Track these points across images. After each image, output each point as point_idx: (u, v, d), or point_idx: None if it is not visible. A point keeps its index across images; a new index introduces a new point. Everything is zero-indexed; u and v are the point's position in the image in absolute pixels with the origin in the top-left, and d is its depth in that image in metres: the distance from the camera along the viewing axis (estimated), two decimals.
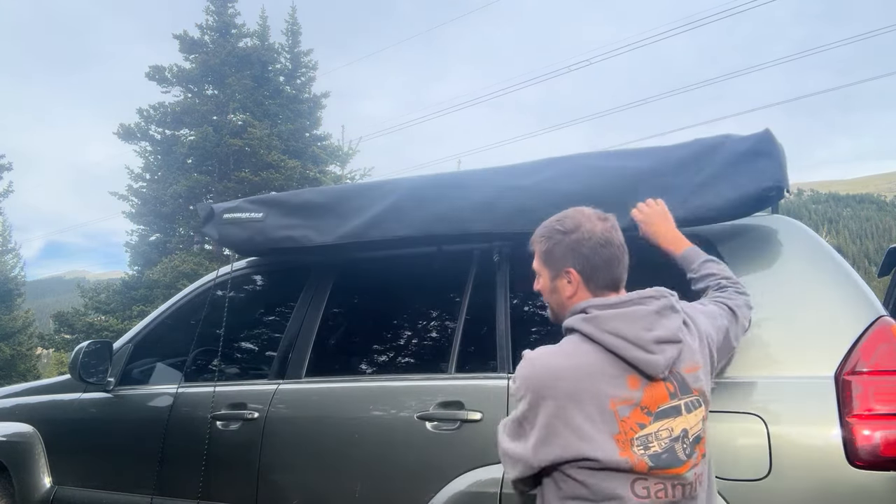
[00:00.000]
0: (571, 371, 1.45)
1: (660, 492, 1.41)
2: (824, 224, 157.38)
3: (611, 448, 1.40)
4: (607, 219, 1.63)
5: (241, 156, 17.76)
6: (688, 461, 1.44)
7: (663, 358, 1.45)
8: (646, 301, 1.52)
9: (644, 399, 1.44)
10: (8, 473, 3.35)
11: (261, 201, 2.89)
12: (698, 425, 1.48)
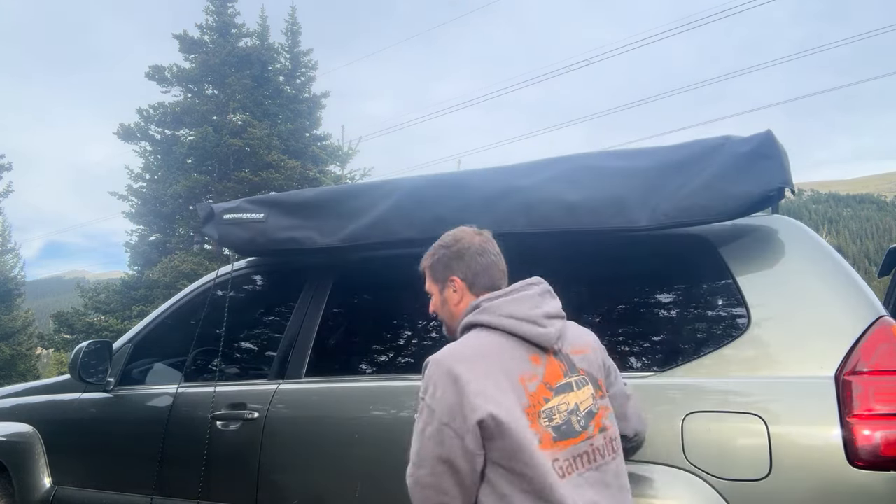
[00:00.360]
0: (481, 358, 1.58)
1: (569, 468, 1.54)
2: (824, 224, 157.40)
3: (522, 420, 1.51)
4: (482, 233, 1.87)
5: (241, 156, 17.75)
6: (583, 432, 1.59)
7: (553, 329, 1.65)
8: (529, 287, 1.75)
9: (545, 375, 1.60)
10: (8, 473, 3.35)
11: (262, 201, 2.89)
12: (588, 400, 1.64)
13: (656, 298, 2.32)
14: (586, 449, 1.58)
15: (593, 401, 1.65)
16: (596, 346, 1.80)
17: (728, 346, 2.00)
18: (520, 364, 1.59)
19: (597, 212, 2.17)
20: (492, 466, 1.52)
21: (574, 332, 1.77)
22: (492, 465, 1.51)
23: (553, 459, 1.51)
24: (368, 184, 2.83)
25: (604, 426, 1.64)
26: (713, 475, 1.84)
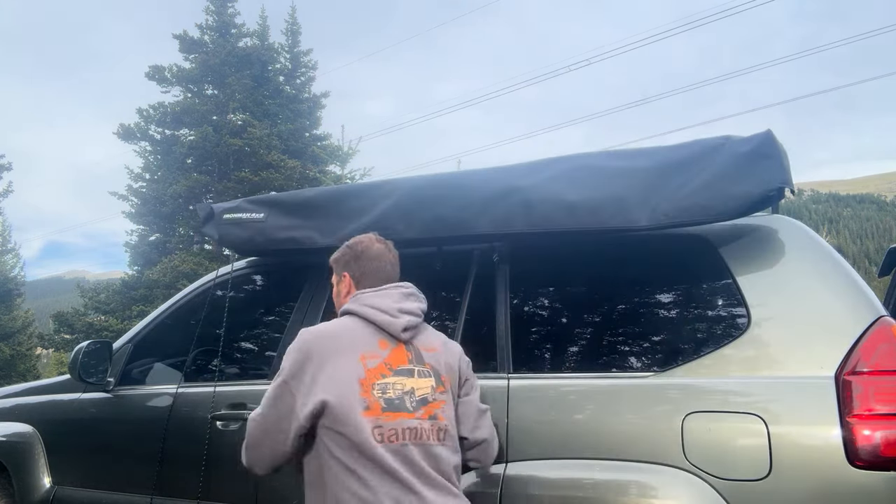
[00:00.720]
0: (333, 336, 1.88)
1: (392, 436, 1.76)
2: (824, 224, 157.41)
3: (356, 388, 1.78)
4: (385, 243, 2.15)
5: (240, 156, 17.75)
6: (414, 412, 1.81)
7: (403, 321, 1.91)
8: (397, 287, 2.02)
9: (388, 357, 1.87)
10: (8, 473, 3.35)
11: (261, 201, 2.89)
12: (425, 390, 1.86)
13: (656, 298, 2.33)
14: (415, 426, 1.80)
15: (431, 391, 1.88)
16: (453, 353, 2.02)
17: (728, 346, 2.00)
18: (366, 345, 1.87)
19: (597, 212, 2.17)
20: (322, 428, 1.78)
21: (432, 335, 2.03)
22: (322, 428, 1.78)
23: (375, 426, 1.75)
24: (368, 184, 2.83)
25: (435, 415, 1.85)
26: (713, 475, 1.84)
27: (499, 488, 2.07)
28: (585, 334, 2.40)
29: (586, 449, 2.02)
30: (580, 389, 2.13)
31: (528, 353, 2.36)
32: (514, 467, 2.09)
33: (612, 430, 2.02)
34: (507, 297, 2.41)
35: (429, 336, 2.01)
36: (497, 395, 2.20)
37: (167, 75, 18.43)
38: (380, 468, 1.72)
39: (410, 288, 2.05)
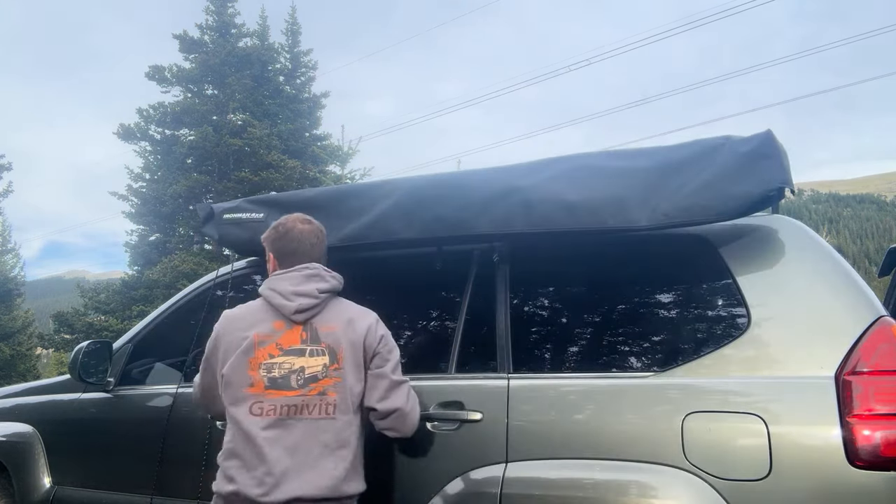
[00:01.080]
0: (239, 318, 2.13)
1: (270, 410, 1.99)
2: (824, 224, 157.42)
3: (243, 365, 2.04)
4: (310, 223, 2.26)
5: (240, 156, 17.74)
6: (298, 389, 2.01)
7: (294, 304, 2.07)
8: (300, 270, 2.15)
9: (281, 338, 2.06)
10: (8, 473, 3.35)
11: (261, 201, 2.89)
12: (316, 367, 2.03)
13: (656, 298, 2.32)
14: (297, 402, 2.00)
15: (322, 369, 2.04)
16: (357, 329, 2.10)
17: (728, 346, 2.00)
18: (261, 325, 2.09)
19: (597, 212, 2.17)
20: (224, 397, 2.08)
21: (335, 313, 2.14)
22: (224, 396, 2.08)
23: (255, 401, 2.00)
24: (368, 184, 2.82)
25: (324, 391, 2.02)
26: (713, 475, 1.84)
27: (499, 488, 2.07)
28: (585, 334, 2.40)
29: (586, 449, 2.02)
30: (580, 389, 2.13)
31: (528, 353, 2.36)
32: (514, 467, 2.09)
33: (612, 430, 2.01)
34: (507, 297, 2.41)
35: (332, 314, 2.13)
36: (497, 395, 2.20)
37: (167, 75, 18.43)
38: (250, 438, 1.97)
39: (315, 269, 2.16)
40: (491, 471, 2.12)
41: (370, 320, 2.16)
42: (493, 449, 2.14)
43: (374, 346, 2.12)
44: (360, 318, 2.15)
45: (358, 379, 2.08)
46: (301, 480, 1.94)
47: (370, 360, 2.11)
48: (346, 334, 2.09)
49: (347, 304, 2.21)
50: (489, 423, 2.17)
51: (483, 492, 2.10)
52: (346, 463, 2.00)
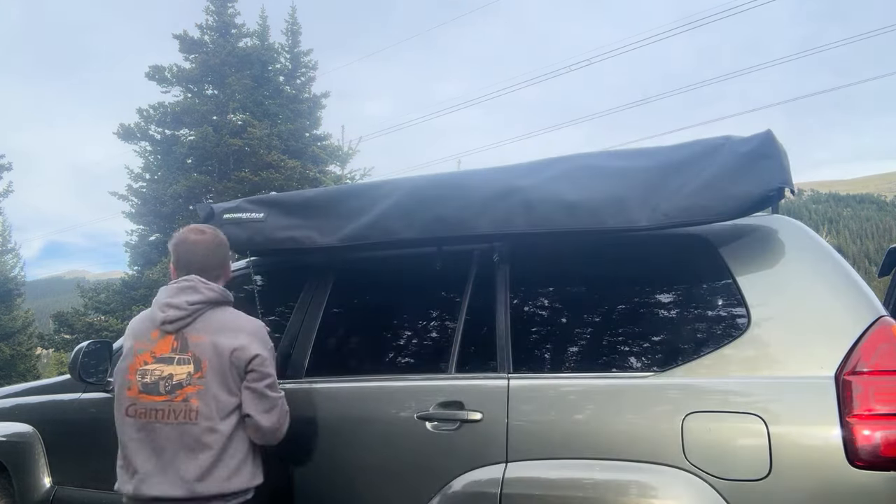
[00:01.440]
0: (132, 325, 2.35)
1: (142, 413, 2.18)
2: (824, 224, 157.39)
3: (125, 369, 2.24)
4: (204, 233, 2.40)
5: (241, 156, 17.73)
6: (166, 395, 2.16)
7: (162, 316, 2.22)
8: (178, 282, 2.30)
9: (155, 347, 2.23)
10: (8, 473, 3.35)
11: (261, 201, 2.89)
12: (182, 375, 2.17)
13: (656, 298, 2.32)
14: (163, 407, 2.16)
15: (187, 377, 2.17)
16: (224, 345, 2.20)
17: (728, 346, 2.00)
18: (142, 334, 2.28)
19: (597, 212, 2.17)
20: None
21: (209, 323, 2.25)
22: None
23: (131, 404, 2.20)
24: (368, 184, 2.83)
25: (187, 398, 2.15)
26: (713, 475, 1.84)
27: (499, 488, 2.07)
28: (585, 334, 2.40)
29: (586, 449, 2.02)
30: (580, 389, 2.13)
31: (528, 352, 2.36)
32: (514, 467, 2.10)
33: (612, 430, 2.02)
34: (507, 297, 2.41)
35: (205, 325, 2.24)
36: (497, 395, 2.20)
37: (167, 75, 18.41)
38: (127, 438, 2.20)
39: (190, 281, 2.28)
40: (491, 471, 2.12)
41: (244, 336, 2.24)
42: (493, 449, 2.14)
43: (244, 360, 2.21)
44: (235, 331, 2.25)
45: (224, 387, 2.19)
46: (161, 480, 2.13)
47: (245, 373, 2.22)
48: (213, 345, 2.20)
49: (228, 316, 2.30)
50: (489, 423, 2.17)
51: (483, 492, 2.10)
52: (204, 465, 2.12)
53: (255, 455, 2.28)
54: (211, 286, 2.30)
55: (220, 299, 2.31)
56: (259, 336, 2.29)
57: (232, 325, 2.27)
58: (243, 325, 2.29)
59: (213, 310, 2.29)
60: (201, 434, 2.14)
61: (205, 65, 18.20)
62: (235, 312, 2.35)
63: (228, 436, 2.18)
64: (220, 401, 2.17)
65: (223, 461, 2.16)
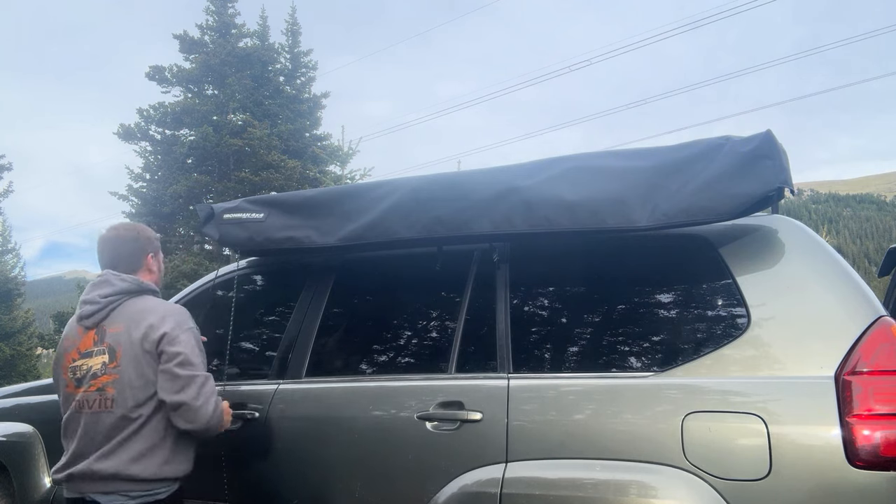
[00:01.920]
0: (65, 328, 2.43)
1: (75, 406, 2.27)
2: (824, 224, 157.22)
3: (60, 370, 2.37)
4: (115, 229, 2.48)
5: (241, 156, 17.74)
6: (89, 388, 2.26)
7: (81, 311, 2.33)
8: (97, 278, 2.40)
9: (80, 343, 2.33)
10: (8, 473, 3.35)
11: (261, 201, 2.89)
12: (98, 366, 2.26)
13: (656, 298, 2.32)
14: (82, 398, 2.26)
15: (102, 367, 2.25)
16: (138, 329, 2.26)
17: (728, 346, 2.00)
18: (70, 333, 2.38)
19: (597, 212, 2.17)
20: None
21: (125, 314, 2.31)
22: None
23: (65, 397, 2.33)
24: (368, 184, 2.82)
25: (103, 387, 2.24)
26: (713, 475, 1.84)
27: (499, 488, 2.07)
28: (585, 334, 2.40)
29: (586, 449, 2.02)
30: (580, 389, 2.13)
31: (528, 353, 2.36)
32: (514, 467, 2.10)
33: (612, 430, 2.02)
34: (507, 297, 2.41)
35: (122, 315, 2.31)
36: (497, 395, 2.20)
37: (167, 75, 18.42)
38: (66, 428, 2.31)
39: (104, 276, 2.37)
40: (491, 471, 2.12)
41: (154, 318, 2.27)
42: (493, 449, 2.14)
43: (154, 342, 2.23)
44: (147, 316, 2.29)
45: (139, 375, 2.22)
46: (83, 463, 2.22)
47: (159, 356, 2.25)
48: (128, 333, 2.26)
49: (145, 304, 2.34)
50: (489, 423, 2.17)
51: (483, 492, 2.10)
52: (111, 448, 2.20)
53: (174, 444, 2.26)
54: (123, 277, 2.35)
55: (134, 289, 2.35)
56: (171, 315, 2.30)
57: (147, 311, 2.30)
58: (156, 308, 2.32)
59: (130, 299, 2.34)
60: (116, 421, 2.20)
61: (205, 65, 18.20)
62: (154, 300, 2.38)
63: (143, 423, 2.21)
64: (134, 388, 2.21)
65: (128, 445, 2.20)
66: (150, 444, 2.22)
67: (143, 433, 2.22)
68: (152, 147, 18.77)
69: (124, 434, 2.20)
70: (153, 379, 2.23)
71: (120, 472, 2.17)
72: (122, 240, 2.46)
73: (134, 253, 2.46)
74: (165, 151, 18.44)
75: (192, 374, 2.23)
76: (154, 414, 2.23)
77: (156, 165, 18.80)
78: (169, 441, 2.26)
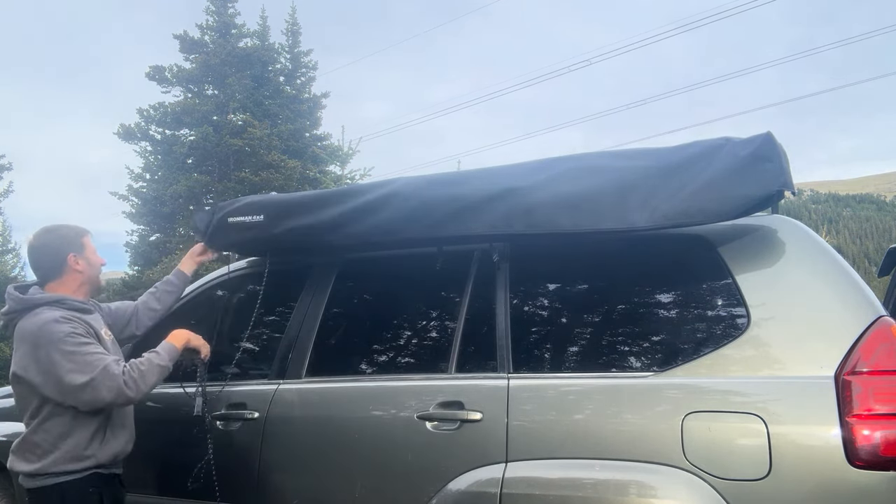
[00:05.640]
0: None
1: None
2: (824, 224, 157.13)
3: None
4: (32, 237, 2.47)
5: (241, 156, 17.72)
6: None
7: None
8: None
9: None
10: (8, 473, 3.35)
11: (261, 202, 2.89)
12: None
13: (656, 298, 2.33)
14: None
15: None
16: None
17: (728, 346, 2.00)
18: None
19: (596, 213, 2.17)
20: None
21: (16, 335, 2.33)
22: None
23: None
24: (368, 184, 2.83)
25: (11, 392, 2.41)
26: (713, 475, 1.85)
27: (499, 488, 2.08)
28: (585, 334, 2.40)
29: (586, 449, 2.02)
30: (580, 389, 2.14)
31: (528, 352, 2.36)
32: (514, 467, 2.10)
33: (611, 429, 2.02)
34: (507, 297, 2.41)
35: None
36: (497, 394, 2.20)
37: (167, 75, 18.40)
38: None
39: (6, 290, 2.39)
40: (491, 471, 2.12)
41: (28, 323, 2.29)
42: (493, 449, 2.14)
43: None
44: (25, 323, 2.32)
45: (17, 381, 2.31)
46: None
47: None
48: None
49: (23, 326, 2.32)
50: (489, 423, 2.17)
51: (483, 492, 2.10)
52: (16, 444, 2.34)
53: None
54: (14, 297, 2.36)
55: (20, 308, 2.35)
56: (22, 343, 2.31)
57: (28, 317, 2.32)
58: (30, 318, 2.32)
59: (21, 319, 2.34)
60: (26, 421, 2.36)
61: (205, 65, 18.19)
62: (34, 319, 2.31)
63: (32, 418, 2.32)
64: (25, 392, 2.32)
65: (28, 443, 2.31)
66: (31, 440, 2.35)
67: (31, 429, 2.36)
68: (152, 147, 18.75)
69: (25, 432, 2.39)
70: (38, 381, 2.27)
71: (17, 469, 2.35)
72: (34, 248, 2.44)
73: (49, 259, 2.43)
74: (165, 151, 18.43)
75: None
76: (39, 410, 2.34)
77: (156, 165, 18.78)
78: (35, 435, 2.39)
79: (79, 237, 2.48)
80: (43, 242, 2.44)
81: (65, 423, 2.28)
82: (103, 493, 2.36)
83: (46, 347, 2.23)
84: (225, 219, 2.88)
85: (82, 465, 2.30)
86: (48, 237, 2.45)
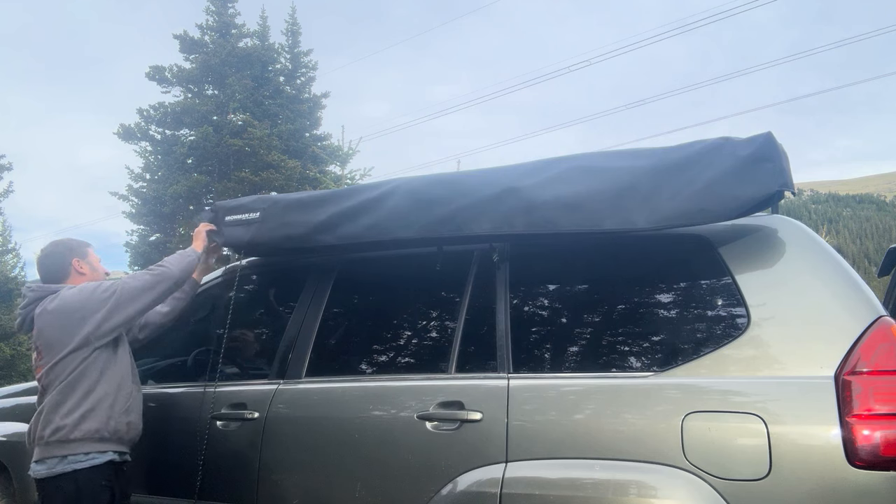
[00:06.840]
0: None
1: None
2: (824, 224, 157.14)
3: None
4: (41, 250, 2.78)
5: (241, 156, 17.72)
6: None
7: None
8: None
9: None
10: (8, 473, 3.35)
11: (261, 202, 2.89)
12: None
13: (656, 298, 2.33)
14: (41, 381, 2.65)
15: (35, 360, 2.63)
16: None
17: (728, 346, 2.00)
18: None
19: (595, 213, 2.17)
20: None
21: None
22: None
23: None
24: (368, 184, 2.83)
25: (36, 375, 2.66)
26: (713, 475, 1.85)
27: (499, 488, 2.07)
28: (585, 334, 2.40)
29: (586, 449, 2.02)
30: (580, 389, 2.13)
31: (527, 352, 2.36)
32: (514, 467, 2.10)
33: (611, 429, 2.02)
34: (507, 297, 2.41)
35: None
36: (497, 394, 2.20)
37: (167, 75, 18.41)
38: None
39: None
40: (491, 471, 2.12)
41: (63, 298, 2.58)
42: (493, 449, 2.14)
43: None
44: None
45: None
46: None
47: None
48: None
49: (53, 296, 2.61)
50: (489, 423, 2.17)
51: (483, 492, 2.10)
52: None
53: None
54: (32, 288, 2.69)
55: (42, 294, 2.64)
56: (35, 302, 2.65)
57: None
58: (63, 303, 2.58)
59: (45, 299, 2.61)
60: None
61: (205, 65, 18.20)
62: (60, 294, 2.61)
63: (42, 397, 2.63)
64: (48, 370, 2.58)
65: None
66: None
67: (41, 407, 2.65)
68: (152, 147, 18.76)
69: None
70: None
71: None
72: (42, 257, 2.77)
73: (56, 263, 2.74)
74: (165, 151, 18.44)
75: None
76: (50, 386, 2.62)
77: (156, 165, 18.79)
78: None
79: (82, 247, 2.81)
80: (50, 251, 2.76)
81: (93, 396, 2.51)
82: (114, 486, 2.50)
83: (93, 289, 2.56)
84: (223, 217, 2.89)
85: (103, 448, 2.50)
86: (54, 247, 2.77)
